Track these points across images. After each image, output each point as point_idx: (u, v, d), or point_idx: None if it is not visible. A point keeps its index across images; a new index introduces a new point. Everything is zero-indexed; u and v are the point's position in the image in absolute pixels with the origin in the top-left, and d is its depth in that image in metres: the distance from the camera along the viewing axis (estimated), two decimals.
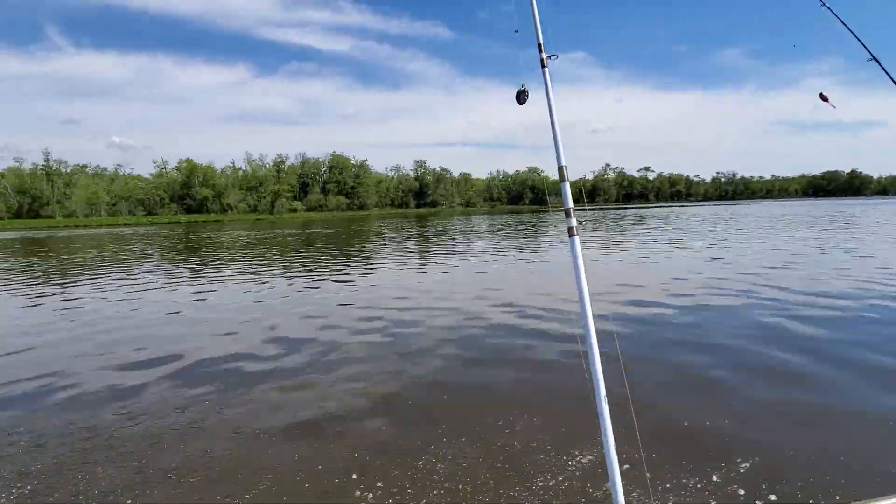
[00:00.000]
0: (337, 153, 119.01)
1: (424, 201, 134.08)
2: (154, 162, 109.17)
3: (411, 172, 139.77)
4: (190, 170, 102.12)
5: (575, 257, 1.89)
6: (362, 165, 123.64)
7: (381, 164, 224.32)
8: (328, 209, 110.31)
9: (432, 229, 37.48)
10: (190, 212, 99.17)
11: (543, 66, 2.10)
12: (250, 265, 16.80)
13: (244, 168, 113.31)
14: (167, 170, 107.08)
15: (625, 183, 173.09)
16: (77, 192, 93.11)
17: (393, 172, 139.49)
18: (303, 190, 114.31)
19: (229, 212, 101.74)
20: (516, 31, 2.22)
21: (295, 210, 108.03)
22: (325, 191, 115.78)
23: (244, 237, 34.36)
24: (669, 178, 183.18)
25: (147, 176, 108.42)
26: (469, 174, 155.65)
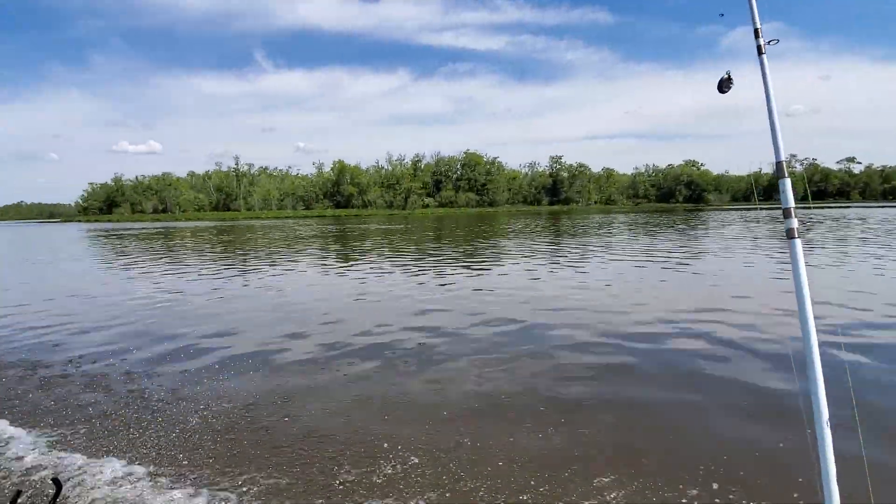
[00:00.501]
0: (470, 151, 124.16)
1: (558, 198, 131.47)
2: (313, 163, 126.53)
3: (546, 168, 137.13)
4: (340, 169, 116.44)
5: (796, 264, 1.77)
6: (494, 162, 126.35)
7: (524, 159, 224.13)
8: (458, 205, 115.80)
9: (572, 227, 36.76)
10: (338, 207, 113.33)
11: (761, 54, 1.90)
12: (393, 256, 18.85)
13: (386, 167, 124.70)
14: (324, 170, 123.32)
15: (816, 178, 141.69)
16: (257, 190, 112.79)
17: (527, 169, 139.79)
18: (436, 186, 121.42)
19: (369, 207, 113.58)
20: (721, 15, 2.19)
21: (427, 206, 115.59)
22: (456, 188, 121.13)
23: (383, 231, 37.77)
24: (883, 172, 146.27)
25: (310, 175, 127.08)
26: (613, 169, 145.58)
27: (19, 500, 0.70)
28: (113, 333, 8.09)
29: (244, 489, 3.49)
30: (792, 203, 1.81)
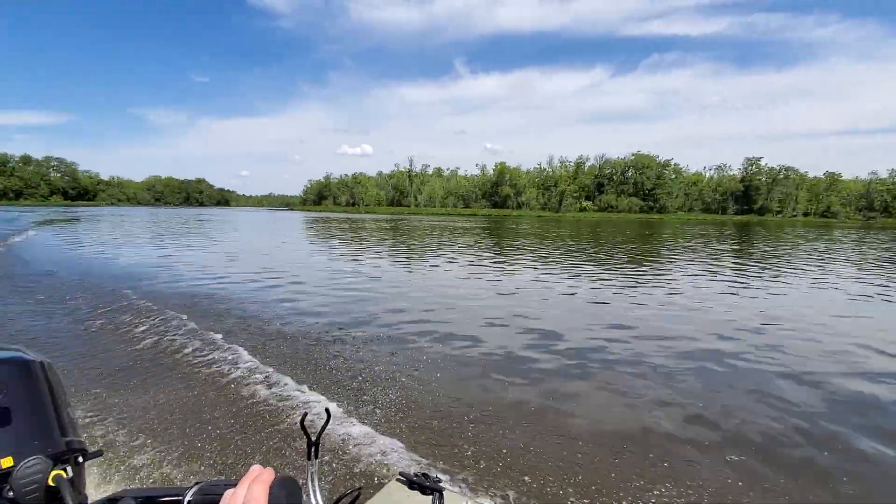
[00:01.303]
0: (641, 153, 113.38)
1: (749, 207, 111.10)
2: (476, 165, 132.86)
3: (737, 172, 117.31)
4: (500, 171, 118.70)
5: None
6: (666, 165, 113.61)
7: (727, 159, 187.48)
8: (618, 210, 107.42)
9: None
10: (494, 206, 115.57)
11: None
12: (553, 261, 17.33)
13: (547, 168, 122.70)
14: (486, 171, 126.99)
15: None
16: (425, 188, 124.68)
17: (713, 172, 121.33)
18: (599, 190, 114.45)
19: (523, 208, 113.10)
20: None
21: (584, 209, 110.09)
22: (619, 192, 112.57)
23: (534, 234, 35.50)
24: None
25: (474, 175, 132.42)
26: (838, 174, 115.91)
27: (305, 421, 0.93)
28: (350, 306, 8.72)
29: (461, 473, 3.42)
30: None
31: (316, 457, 0.92)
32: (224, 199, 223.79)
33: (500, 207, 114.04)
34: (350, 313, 8.29)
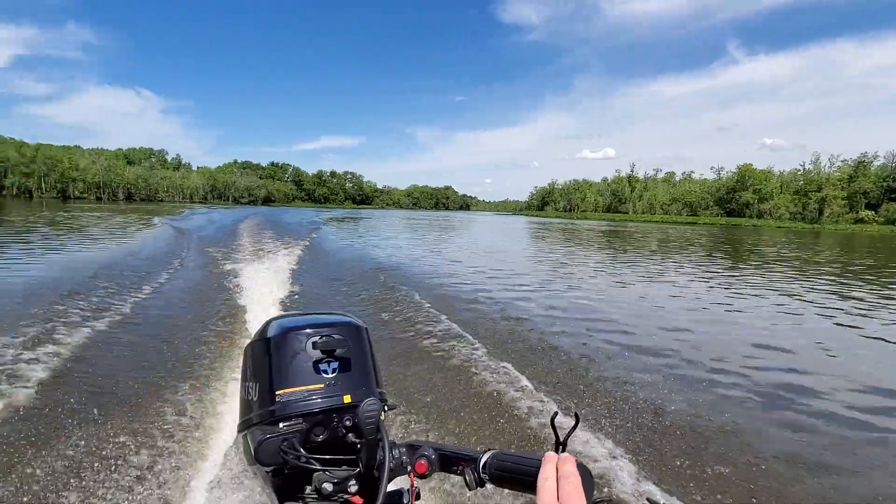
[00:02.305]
0: None
1: None
2: (711, 168, 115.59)
3: None
4: (742, 174, 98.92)
5: None
6: None
7: None
8: None
9: None
10: (729, 215, 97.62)
11: None
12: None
13: (811, 169, 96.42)
14: (722, 175, 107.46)
15: None
16: (646, 195, 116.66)
17: None
18: (889, 196, 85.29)
19: (765, 217, 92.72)
20: None
21: (862, 220, 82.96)
22: None
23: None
24: None
25: (709, 178, 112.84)
26: None
27: (555, 420, 0.80)
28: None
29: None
30: None
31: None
32: (466, 204, 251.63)
33: (736, 216, 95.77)
34: (588, 319, 8.15)
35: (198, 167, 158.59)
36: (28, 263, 11.18)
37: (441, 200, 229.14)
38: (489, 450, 0.90)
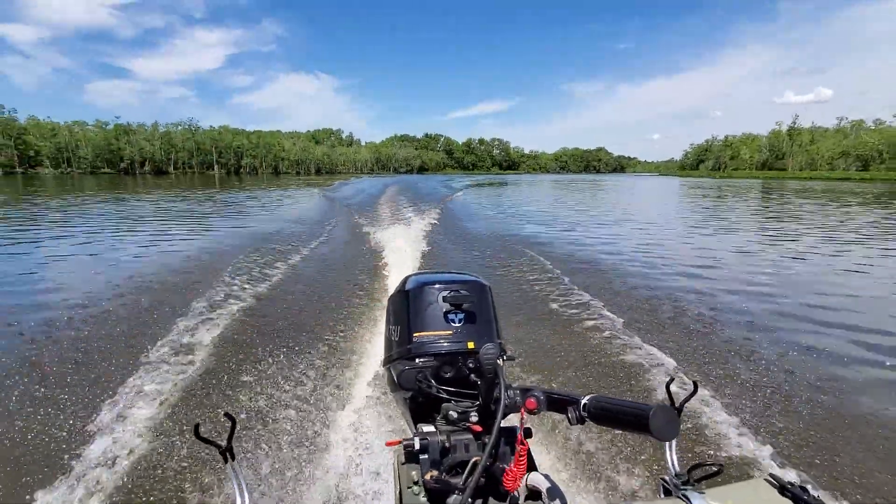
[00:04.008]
0: None
1: None
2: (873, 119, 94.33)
3: None
4: None
5: None
6: None
7: None
8: None
9: None
10: None
11: None
12: None
13: None
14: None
15: None
16: (811, 148, 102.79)
17: None
18: None
19: None
20: None
21: None
22: None
23: None
24: None
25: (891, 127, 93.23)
26: None
27: (671, 385, 0.96)
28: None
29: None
30: None
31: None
32: (620, 166, 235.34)
33: None
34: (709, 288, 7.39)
35: (365, 143, 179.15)
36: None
37: (592, 163, 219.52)
38: (590, 393, 0.97)
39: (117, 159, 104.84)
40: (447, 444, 1.14)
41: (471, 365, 1.27)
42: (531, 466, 1.08)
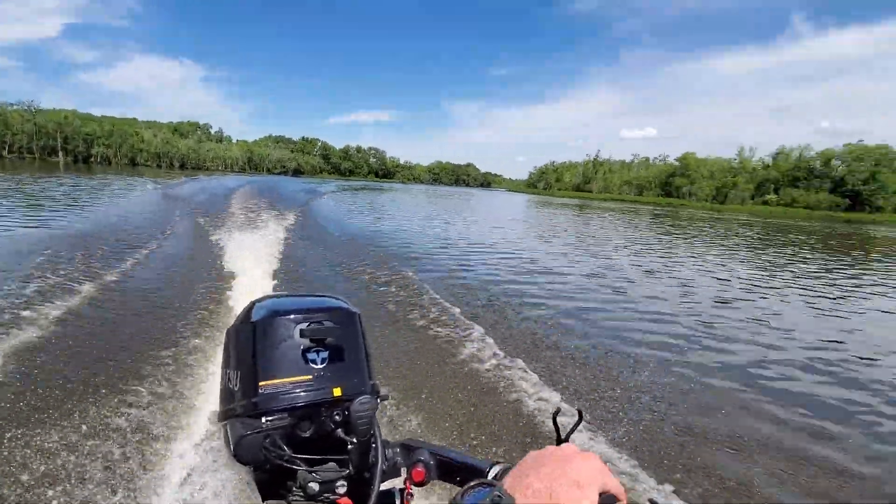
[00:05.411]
0: (861, 143, 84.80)
1: None
2: (657, 157, 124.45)
3: None
4: (684, 160, 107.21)
5: None
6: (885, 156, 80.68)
7: None
8: (798, 205, 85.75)
9: None
10: (667, 196, 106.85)
11: None
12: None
13: (736, 159, 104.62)
14: (668, 161, 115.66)
15: None
16: (606, 176, 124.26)
17: None
18: (794, 184, 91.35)
19: (686, 198, 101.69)
20: None
21: (766, 202, 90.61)
22: (814, 187, 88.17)
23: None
24: None
25: (656, 162, 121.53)
26: None
27: (557, 417, 0.77)
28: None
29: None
30: None
31: None
32: (487, 181, 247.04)
33: (671, 197, 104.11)
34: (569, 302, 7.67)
35: (237, 140, 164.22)
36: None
37: (462, 177, 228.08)
38: (498, 462, 0.75)
39: None
40: None
41: (337, 418, 0.88)
42: None
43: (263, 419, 0.87)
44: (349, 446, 0.85)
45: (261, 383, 0.90)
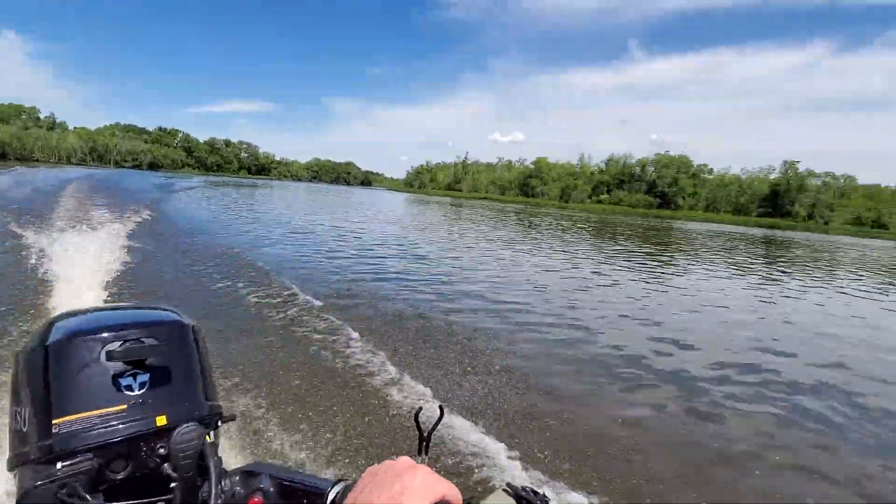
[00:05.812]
0: (667, 153, 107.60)
1: (777, 211, 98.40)
2: (516, 160, 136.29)
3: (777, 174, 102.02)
4: (538, 164, 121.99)
5: None
6: (687, 166, 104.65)
7: None
8: (623, 205, 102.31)
9: None
10: (525, 196, 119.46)
11: None
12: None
13: (577, 164, 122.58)
14: (526, 164, 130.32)
15: None
16: (474, 177, 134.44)
17: (745, 174, 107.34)
18: (619, 186, 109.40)
19: (538, 197, 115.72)
20: None
21: (600, 201, 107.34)
22: (632, 189, 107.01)
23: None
24: None
25: (517, 164, 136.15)
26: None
27: (419, 416, 0.74)
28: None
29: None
30: None
31: (426, 453, 0.77)
32: (368, 180, 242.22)
33: (528, 197, 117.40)
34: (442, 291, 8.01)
35: (75, 127, 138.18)
36: None
37: (342, 175, 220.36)
38: (341, 480, 0.68)
39: None
40: None
41: (162, 451, 0.76)
42: None
43: (59, 464, 0.71)
44: (172, 484, 0.72)
45: (55, 421, 0.73)
